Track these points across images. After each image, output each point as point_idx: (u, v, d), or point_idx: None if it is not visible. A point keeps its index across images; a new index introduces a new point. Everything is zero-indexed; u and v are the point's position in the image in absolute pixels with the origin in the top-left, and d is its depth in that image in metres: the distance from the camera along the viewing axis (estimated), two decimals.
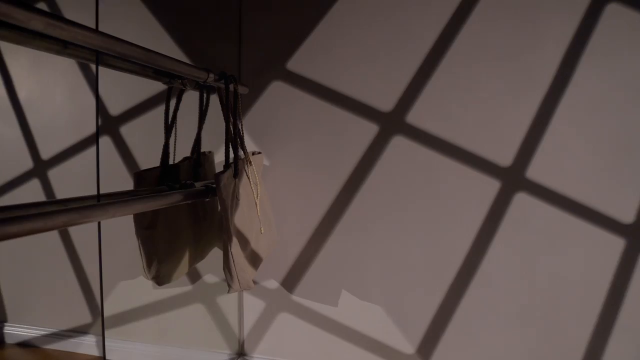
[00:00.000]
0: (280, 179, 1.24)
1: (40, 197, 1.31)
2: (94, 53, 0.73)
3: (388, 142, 1.16)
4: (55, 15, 0.49)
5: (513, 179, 1.09)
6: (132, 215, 0.91)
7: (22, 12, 0.45)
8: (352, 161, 1.19)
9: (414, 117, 1.15)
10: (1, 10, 0.44)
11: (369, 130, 1.17)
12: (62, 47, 0.63)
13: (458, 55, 1.11)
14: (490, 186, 1.11)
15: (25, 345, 1.38)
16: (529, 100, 1.08)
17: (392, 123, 1.16)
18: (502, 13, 1.09)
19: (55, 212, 0.49)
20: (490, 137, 1.10)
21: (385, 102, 1.16)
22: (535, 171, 1.08)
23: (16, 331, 1.40)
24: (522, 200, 1.09)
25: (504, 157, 1.10)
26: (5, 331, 1.40)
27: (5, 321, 1.40)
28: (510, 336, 1.12)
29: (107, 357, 1.32)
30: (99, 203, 0.57)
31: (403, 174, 1.16)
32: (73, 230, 1.35)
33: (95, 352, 1.33)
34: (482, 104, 1.10)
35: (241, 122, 0.99)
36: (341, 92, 1.19)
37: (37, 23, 0.48)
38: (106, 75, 1.22)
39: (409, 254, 1.17)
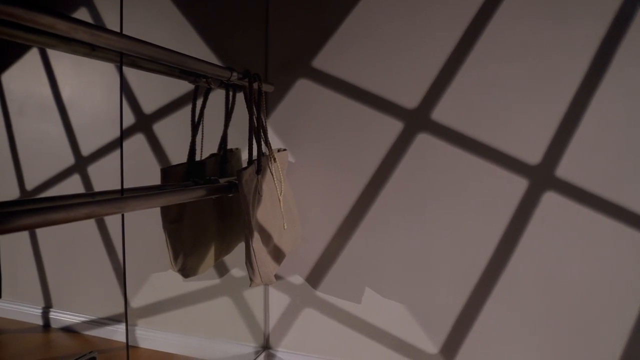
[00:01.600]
0: (305, 176, 1.25)
1: (80, 191, 1.38)
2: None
3: (413, 140, 1.15)
4: (78, 19, 0.52)
5: (542, 177, 1.06)
6: (159, 210, 0.95)
7: (46, 18, 0.48)
8: (376, 158, 1.19)
9: (439, 114, 1.13)
10: (28, 16, 0.47)
11: (394, 127, 1.17)
12: (89, 49, 0.66)
13: (484, 52, 1.09)
14: (518, 184, 1.08)
15: (68, 330, 1.46)
16: (559, 98, 1.04)
17: (417, 120, 1.15)
18: (532, 10, 1.05)
19: (78, 204, 0.53)
20: (518, 134, 1.07)
21: (411, 100, 1.15)
22: (564, 169, 1.04)
23: (60, 317, 1.48)
24: (551, 199, 1.05)
25: (532, 155, 1.06)
26: (51, 316, 1.49)
27: (51, 307, 1.49)
28: (537, 338, 1.08)
29: (139, 346, 1.39)
30: (122, 196, 0.60)
31: (428, 171, 1.15)
32: (110, 223, 1.42)
33: (129, 340, 1.39)
34: (509, 100, 1.07)
35: (265, 119, 1.01)
36: (366, 90, 1.19)
37: (62, 27, 0.51)
38: (140, 74, 1.27)
39: (433, 252, 1.16)
